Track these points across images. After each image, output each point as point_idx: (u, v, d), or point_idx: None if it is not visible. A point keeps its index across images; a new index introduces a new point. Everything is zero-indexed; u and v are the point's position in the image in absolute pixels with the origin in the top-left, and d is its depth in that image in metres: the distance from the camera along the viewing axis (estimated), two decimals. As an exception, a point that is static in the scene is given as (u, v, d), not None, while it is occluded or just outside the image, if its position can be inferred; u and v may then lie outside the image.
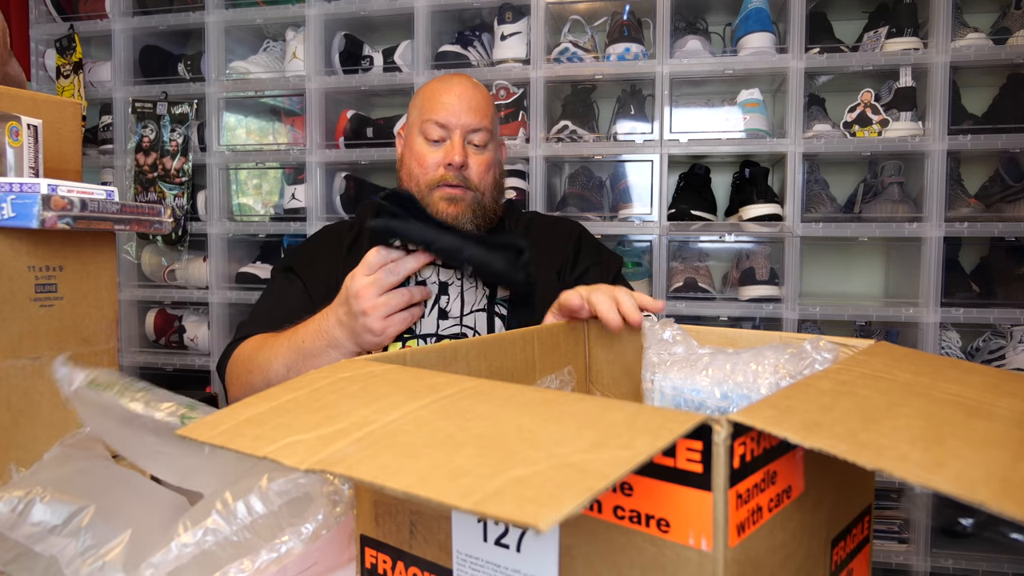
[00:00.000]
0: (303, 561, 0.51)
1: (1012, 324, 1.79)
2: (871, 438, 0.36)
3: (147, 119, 2.24)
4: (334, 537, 0.53)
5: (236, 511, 0.51)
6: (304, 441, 0.40)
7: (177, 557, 0.49)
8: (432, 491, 0.32)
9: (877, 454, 0.34)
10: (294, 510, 0.53)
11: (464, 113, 1.17)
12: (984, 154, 1.89)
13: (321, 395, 0.47)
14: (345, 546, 0.56)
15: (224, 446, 0.41)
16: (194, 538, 0.49)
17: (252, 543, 0.51)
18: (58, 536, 0.52)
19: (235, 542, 0.50)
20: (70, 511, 0.53)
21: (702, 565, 0.38)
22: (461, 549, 0.46)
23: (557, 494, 0.30)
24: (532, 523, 0.28)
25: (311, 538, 0.52)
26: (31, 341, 0.77)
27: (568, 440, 0.36)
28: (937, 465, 0.33)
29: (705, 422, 0.37)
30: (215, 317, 2.20)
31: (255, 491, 0.51)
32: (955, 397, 0.44)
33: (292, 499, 0.52)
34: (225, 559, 0.50)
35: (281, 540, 0.51)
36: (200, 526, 0.50)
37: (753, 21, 1.87)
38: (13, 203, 0.72)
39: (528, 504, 0.29)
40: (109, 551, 0.51)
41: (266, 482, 0.52)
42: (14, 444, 0.76)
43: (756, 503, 0.40)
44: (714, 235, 1.97)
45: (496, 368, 0.70)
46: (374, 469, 0.35)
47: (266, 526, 0.51)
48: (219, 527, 0.50)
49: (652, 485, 0.39)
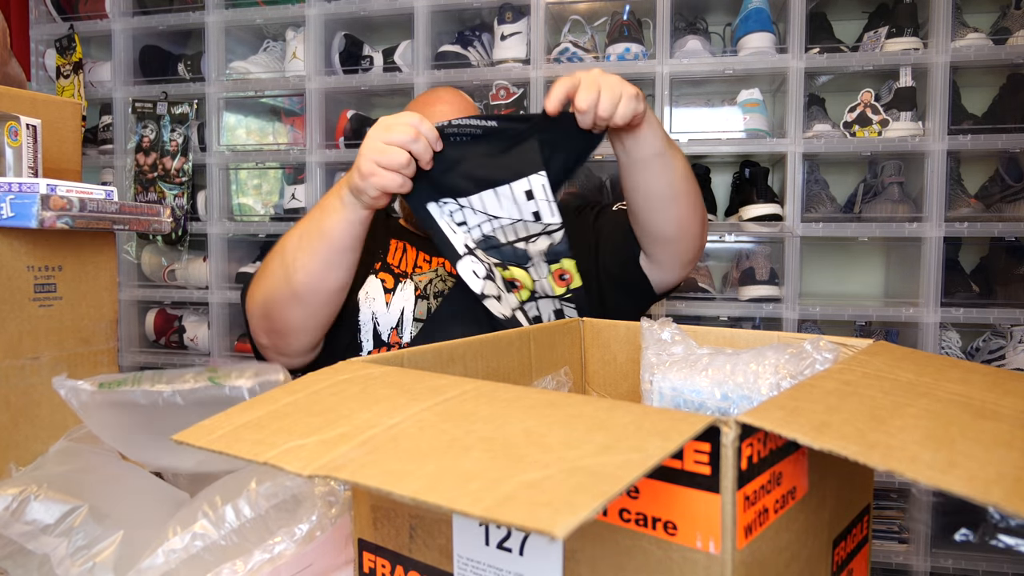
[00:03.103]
0: (298, 562, 0.51)
1: (1012, 324, 1.79)
2: (880, 439, 0.36)
3: (147, 119, 2.24)
4: (329, 539, 0.53)
5: (225, 515, 0.51)
6: (305, 446, 0.39)
7: (165, 563, 0.49)
8: (442, 497, 0.31)
9: (887, 455, 0.34)
10: (283, 513, 0.53)
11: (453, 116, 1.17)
12: (984, 154, 1.89)
13: (321, 398, 0.46)
14: (342, 548, 0.56)
15: (223, 451, 0.40)
16: (182, 543, 0.49)
17: (241, 547, 0.50)
18: (50, 536, 0.52)
19: (223, 547, 0.50)
20: (63, 511, 0.53)
21: (709, 568, 0.37)
22: (462, 553, 0.45)
23: (571, 499, 0.29)
24: (547, 530, 0.27)
25: (305, 539, 0.51)
26: (31, 341, 0.77)
27: (578, 443, 0.35)
28: (949, 466, 0.33)
29: (714, 423, 0.37)
30: (215, 317, 2.20)
31: (244, 495, 0.51)
32: (959, 397, 0.43)
33: (281, 502, 0.52)
34: (214, 564, 0.50)
35: (274, 541, 0.51)
36: (188, 531, 0.50)
37: (753, 21, 1.87)
38: (12, 203, 0.72)
39: (542, 509, 0.29)
40: (100, 552, 0.51)
41: (255, 485, 0.52)
42: (13, 444, 0.76)
43: (763, 504, 0.40)
44: (714, 235, 1.97)
45: (493, 369, 0.70)
46: (380, 475, 0.34)
47: (254, 530, 0.51)
48: (207, 532, 0.50)
49: (659, 487, 0.39)
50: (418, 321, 1.12)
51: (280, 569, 0.50)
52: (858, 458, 0.34)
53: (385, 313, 1.12)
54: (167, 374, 0.63)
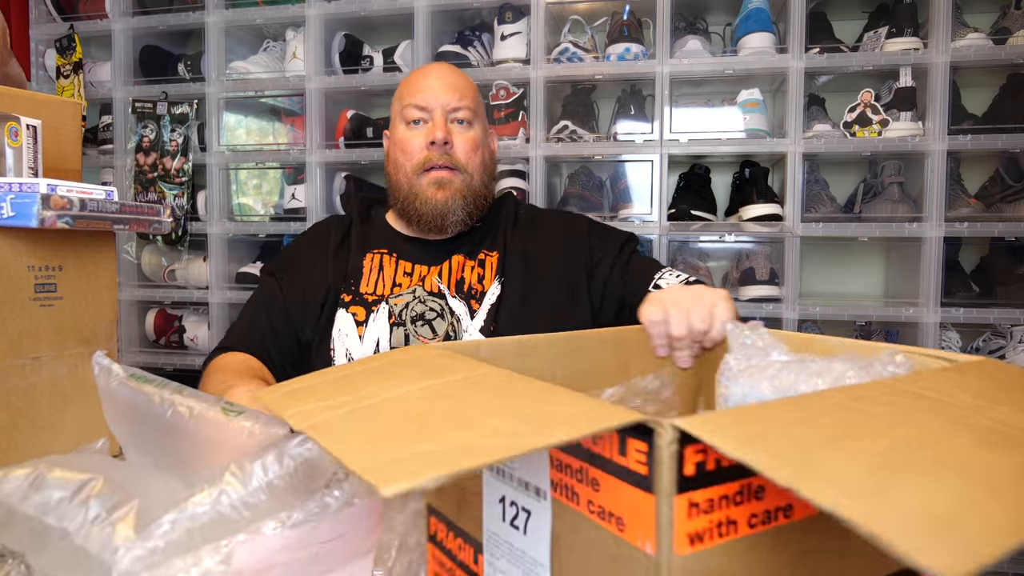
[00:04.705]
0: (335, 527, 0.52)
1: (1012, 324, 1.79)
2: (816, 458, 0.32)
3: (147, 119, 2.24)
4: (363, 513, 0.54)
5: (252, 472, 0.51)
6: (311, 410, 0.45)
7: (192, 516, 0.49)
8: (347, 457, 0.36)
9: (800, 473, 0.30)
10: (310, 472, 0.53)
11: (443, 92, 1.15)
12: (984, 154, 1.89)
13: (354, 374, 0.53)
14: (375, 525, 0.57)
15: (268, 408, 0.50)
16: (210, 498, 0.50)
17: (267, 505, 0.50)
18: (68, 505, 0.52)
19: (250, 503, 0.50)
20: (78, 483, 0.53)
21: (648, 569, 0.37)
22: (488, 527, 0.50)
23: (423, 470, 0.33)
24: (377, 486, 0.32)
25: (345, 504, 0.52)
26: (31, 341, 0.77)
27: (490, 425, 0.38)
28: (871, 494, 0.28)
29: (645, 423, 0.36)
30: (215, 317, 2.20)
31: (272, 452, 0.52)
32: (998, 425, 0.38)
33: (307, 459, 0.52)
34: (240, 521, 0.50)
35: (315, 500, 0.51)
36: (216, 487, 0.50)
37: (753, 21, 1.87)
38: (12, 203, 0.72)
39: (399, 473, 0.33)
40: (120, 518, 0.51)
41: (284, 442, 0.53)
42: (14, 444, 0.76)
43: (726, 515, 0.38)
44: (714, 235, 1.97)
45: (580, 367, 0.71)
46: (334, 437, 0.40)
47: (280, 488, 0.51)
48: (234, 487, 0.50)
49: (613, 483, 0.39)
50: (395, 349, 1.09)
51: (318, 529, 0.51)
52: (764, 471, 0.31)
53: (359, 348, 1.09)
54: (191, 392, 0.63)
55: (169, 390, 0.62)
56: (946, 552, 0.24)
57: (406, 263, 1.16)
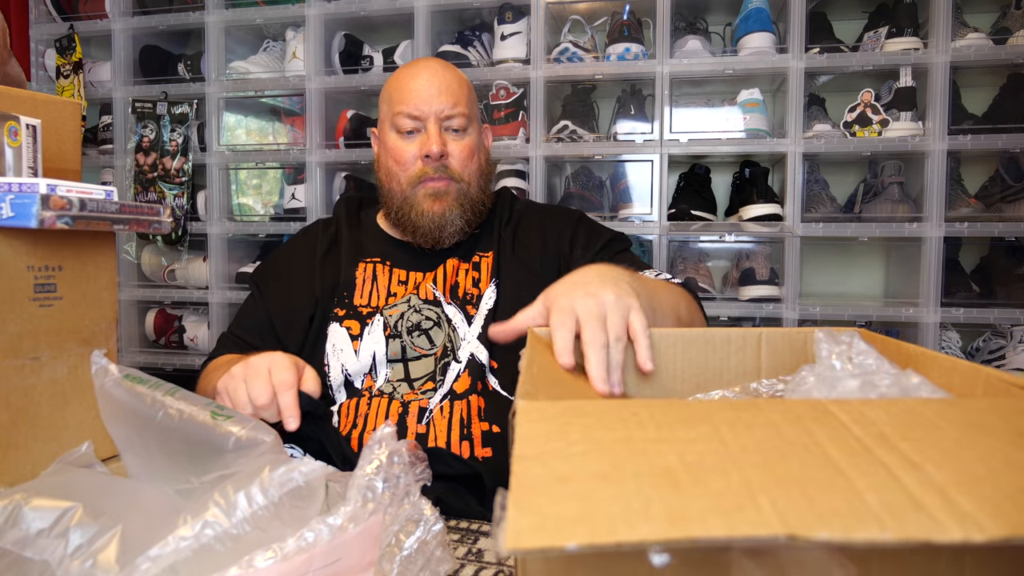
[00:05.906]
0: (329, 555, 0.50)
1: (1012, 324, 1.79)
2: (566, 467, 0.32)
3: (147, 119, 2.24)
4: (359, 537, 0.53)
5: (236, 503, 0.50)
6: None
7: (175, 551, 0.48)
8: None
9: None
10: (297, 501, 0.52)
11: (435, 98, 1.09)
12: (984, 154, 1.89)
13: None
14: (371, 546, 0.56)
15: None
16: (192, 531, 0.48)
17: (252, 537, 0.50)
18: (47, 538, 0.51)
19: (235, 535, 0.49)
20: (57, 514, 0.52)
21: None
22: None
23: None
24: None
25: (339, 530, 0.51)
26: (30, 341, 0.77)
27: None
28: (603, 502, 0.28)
29: None
30: (215, 317, 2.20)
31: (256, 482, 0.51)
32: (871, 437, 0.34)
33: (293, 489, 0.52)
34: (225, 554, 0.49)
35: (310, 528, 0.50)
36: (199, 519, 0.49)
37: (753, 21, 1.87)
38: (12, 203, 0.72)
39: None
40: (100, 548, 0.50)
41: (267, 473, 0.51)
42: (13, 444, 0.76)
43: None
44: (714, 235, 1.97)
45: (703, 366, 0.70)
46: None
47: (266, 518, 0.51)
48: (219, 520, 0.49)
49: None
50: (392, 361, 1.04)
51: (314, 558, 0.49)
52: None
53: (355, 362, 1.05)
54: (183, 393, 0.62)
55: (162, 392, 0.61)
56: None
57: (400, 271, 1.13)
